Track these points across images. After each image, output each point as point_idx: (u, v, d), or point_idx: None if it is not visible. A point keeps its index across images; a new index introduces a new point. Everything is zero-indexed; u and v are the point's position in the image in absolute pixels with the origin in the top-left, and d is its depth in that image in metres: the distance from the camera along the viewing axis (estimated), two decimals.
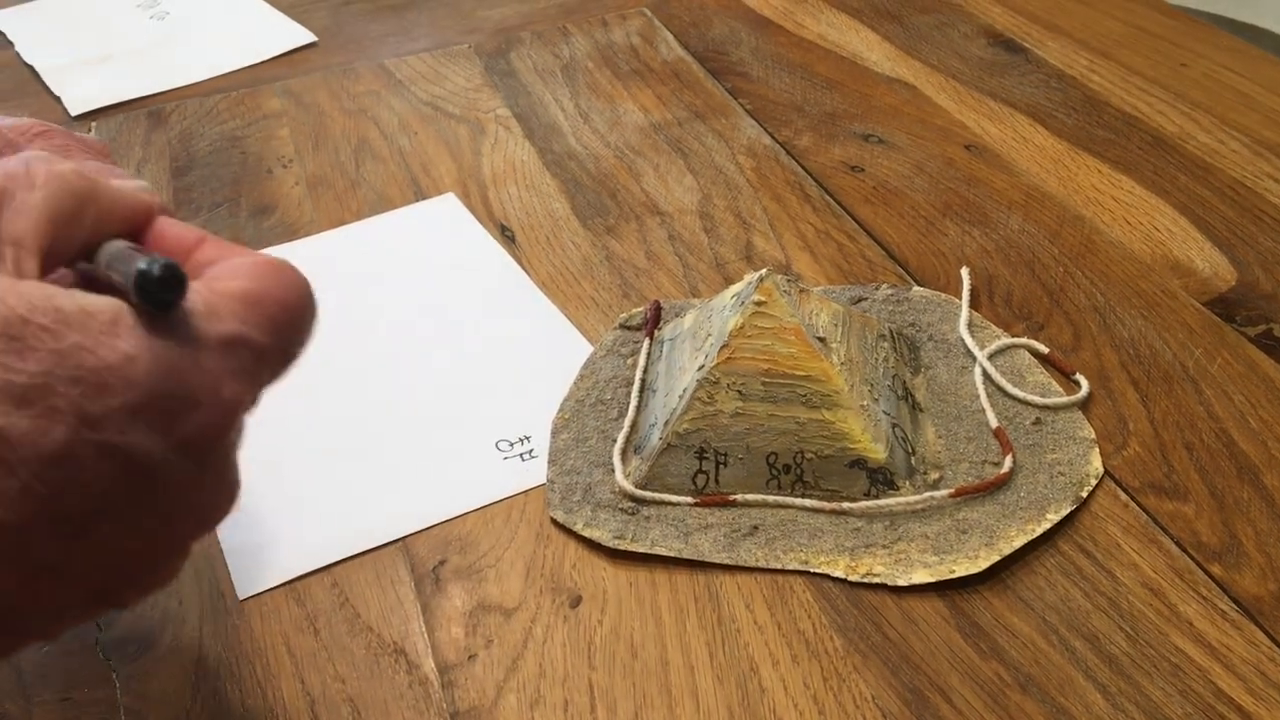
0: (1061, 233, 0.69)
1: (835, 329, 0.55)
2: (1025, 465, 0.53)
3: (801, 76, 0.87)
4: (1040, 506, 0.51)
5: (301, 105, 0.87)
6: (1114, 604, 0.47)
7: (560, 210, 0.74)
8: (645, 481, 0.53)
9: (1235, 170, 0.74)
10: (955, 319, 0.61)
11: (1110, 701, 0.44)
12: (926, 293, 0.64)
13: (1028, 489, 0.52)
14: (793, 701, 0.44)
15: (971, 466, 0.53)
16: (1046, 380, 0.58)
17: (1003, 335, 0.61)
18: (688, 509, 0.52)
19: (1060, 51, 0.88)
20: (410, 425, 0.57)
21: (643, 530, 0.51)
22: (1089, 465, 0.53)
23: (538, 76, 0.89)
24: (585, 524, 0.52)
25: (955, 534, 0.50)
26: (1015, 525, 0.50)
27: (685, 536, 0.51)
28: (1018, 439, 0.54)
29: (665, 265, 0.68)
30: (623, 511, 0.52)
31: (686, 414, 0.52)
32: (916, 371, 0.58)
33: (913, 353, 0.59)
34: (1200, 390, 0.57)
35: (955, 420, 0.56)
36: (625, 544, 0.50)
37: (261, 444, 0.57)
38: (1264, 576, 0.48)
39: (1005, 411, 0.56)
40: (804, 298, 0.55)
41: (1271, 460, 0.53)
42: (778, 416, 0.51)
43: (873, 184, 0.74)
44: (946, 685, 0.45)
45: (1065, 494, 0.52)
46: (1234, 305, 0.63)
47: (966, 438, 0.55)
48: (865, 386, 0.53)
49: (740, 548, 0.50)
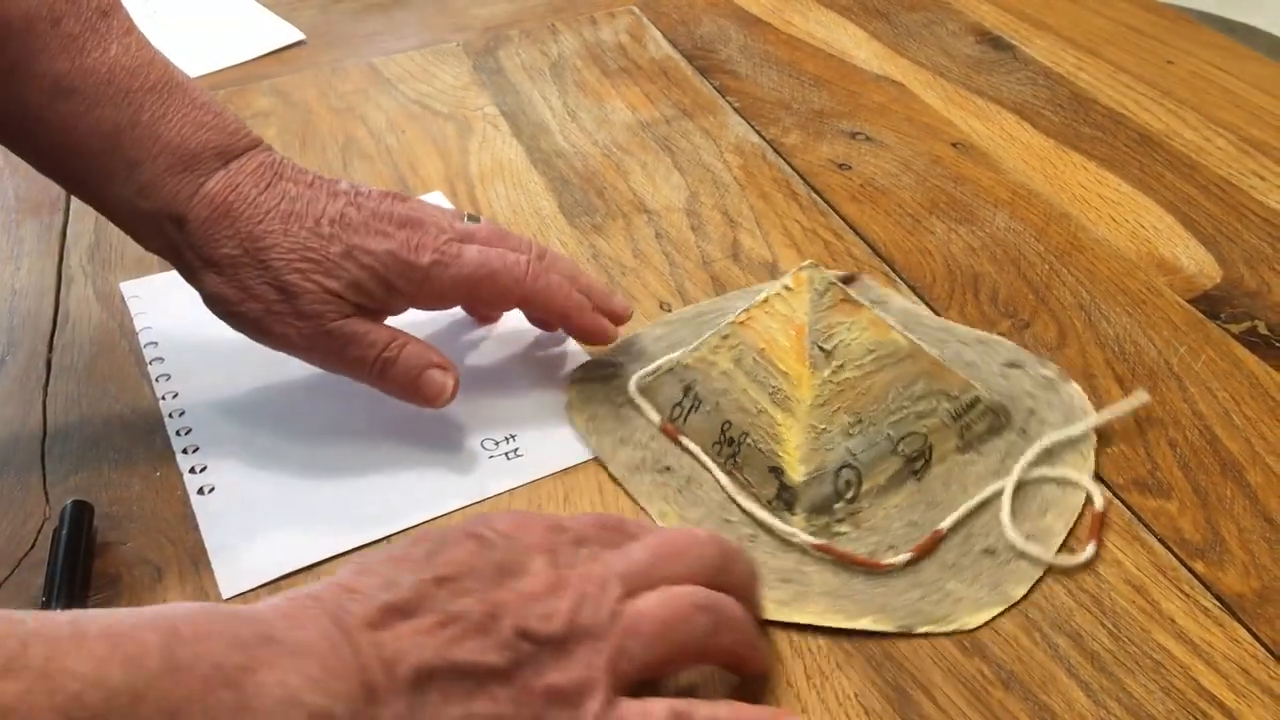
0: (1048, 230, 0.69)
1: (853, 349, 0.52)
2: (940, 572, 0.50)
3: (789, 74, 0.87)
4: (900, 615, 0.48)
5: (290, 103, 0.87)
6: (1097, 601, 0.47)
7: (547, 208, 0.74)
8: (641, 389, 0.57)
9: (1221, 167, 0.74)
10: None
11: (1092, 699, 0.44)
12: (1076, 393, 0.57)
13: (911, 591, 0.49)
14: (776, 700, 0.44)
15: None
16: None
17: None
18: (654, 429, 0.56)
19: (1047, 49, 0.88)
20: (395, 424, 0.57)
21: (613, 425, 0.57)
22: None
23: (526, 74, 0.89)
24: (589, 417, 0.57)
25: (783, 582, 0.49)
26: (837, 611, 0.47)
27: (625, 438, 0.56)
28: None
29: (652, 264, 0.68)
30: (617, 406, 0.57)
31: (694, 352, 0.55)
32: (966, 450, 0.53)
33: (991, 434, 0.54)
34: (1185, 387, 0.57)
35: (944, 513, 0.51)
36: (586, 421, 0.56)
37: (246, 443, 0.57)
38: (1247, 574, 0.48)
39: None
40: (843, 308, 0.52)
41: (1255, 457, 0.53)
42: (748, 394, 0.53)
43: (860, 182, 0.74)
44: (929, 683, 0.45)
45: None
46: (1219, 302, 0.63)
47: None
48: (847, 416, 0.51)
49: (638, 476, 0.54)
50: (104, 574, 0.51)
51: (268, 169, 0.53)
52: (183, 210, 0.52)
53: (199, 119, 0.52)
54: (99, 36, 0.51)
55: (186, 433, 0.58)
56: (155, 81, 0.52)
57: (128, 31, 0.52)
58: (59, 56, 0.50)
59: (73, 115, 0.50)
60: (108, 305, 0.67)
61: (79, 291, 0.68)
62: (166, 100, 0.52)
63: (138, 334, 0.64)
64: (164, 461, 0.56)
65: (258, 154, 0.54)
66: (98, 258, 0.71)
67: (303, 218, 0.52)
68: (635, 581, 0.41)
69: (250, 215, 0.52)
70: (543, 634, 0.38)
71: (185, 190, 0.52)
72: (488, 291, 0.55)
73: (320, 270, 0.52)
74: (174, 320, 0.64)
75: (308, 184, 0.54)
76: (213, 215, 0.52)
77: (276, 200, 0.53)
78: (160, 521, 0.53)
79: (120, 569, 0.51)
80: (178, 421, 0.58)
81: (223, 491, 0.54)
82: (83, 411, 0.59)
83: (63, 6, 0.50)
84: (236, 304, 0.53)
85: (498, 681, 0.37)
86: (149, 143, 0.51)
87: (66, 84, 0.50)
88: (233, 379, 0.60)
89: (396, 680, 0.36)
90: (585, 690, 0.38)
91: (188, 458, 0.56)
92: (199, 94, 0.53)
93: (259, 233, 0.52)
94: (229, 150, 0.53)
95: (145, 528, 0.53)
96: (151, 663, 0.31)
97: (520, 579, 0.39)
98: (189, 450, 0.57)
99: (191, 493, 0.54)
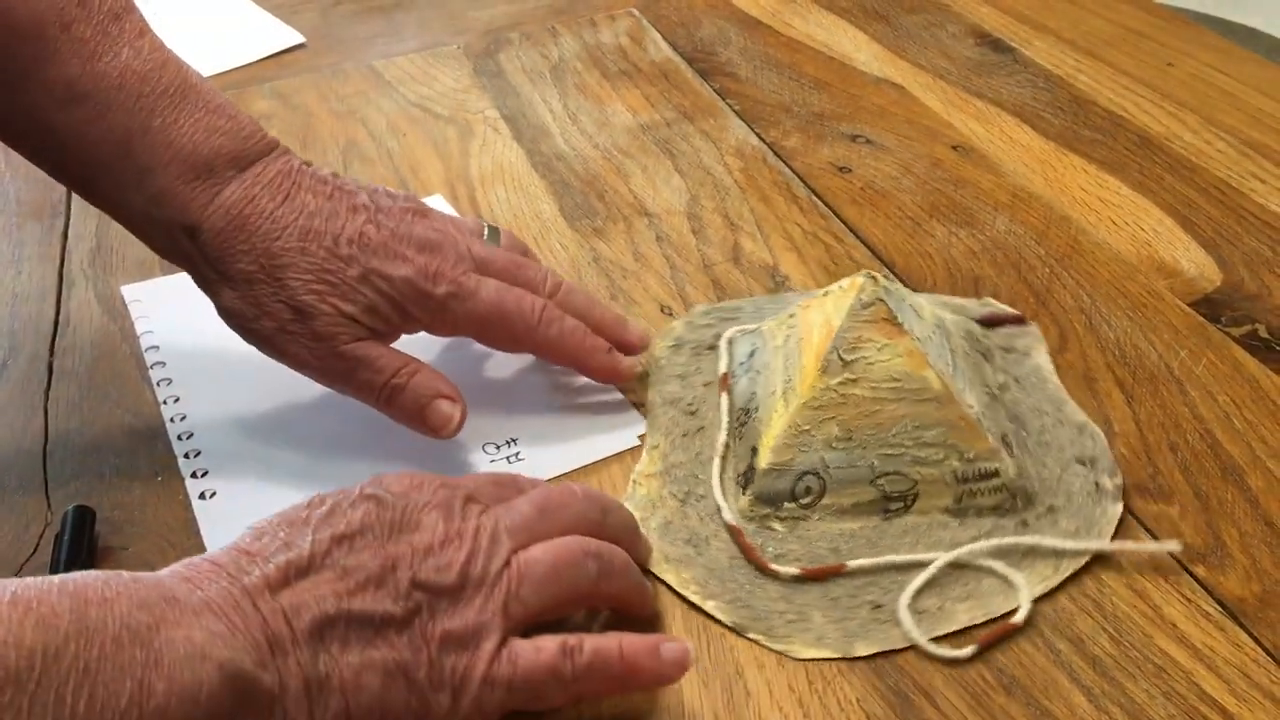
0: (1048, 233, 0.69)
1: (875, 370, 0.50)
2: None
3: (790, 77, 0.87)
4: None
5: (290, 106, 0.87)
6: (1098, 605, 0.47)
7: (548, 211, 0.74)
8: (730, 339, 0.59)
9: (1221, 170, 0.74)
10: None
11: (1094, 703, 0.44)
12: (1113, 515, 0.52)
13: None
14: (778, 705, 0.45)
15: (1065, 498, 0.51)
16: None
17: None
18: (714, 378, 0.58)
19: (1048, 51, 0.89)
20: (398, 427, 0.57)
21: (685, 362, 0.60)
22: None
23: (526, 77, 0.89)
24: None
25: (685, 543, 0.51)
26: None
27: (685, 375, 0.59)
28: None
29: (653, 267, 0.68)
30: (704, 348, 0.60)
31: (771, 321, 0.58)
32: (959, 515, 0.51)
33: (994, 511, 0.51)
34: (1185, 391, 0.57)
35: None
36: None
37: (248, 447, 0.57)
38: (1248, 578, 0.48)
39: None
40: (882, 326, 0.51)
41: (1256, 461, 0.53)
42: (777, 375, 0.54)
43: (860, 185, 0.74)
44: (931, 688, 0.45)
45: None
46: (1219, 306, 0.63)
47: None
48: (836, 428, 0.51)
49: (665, 409, 0.57)
50: None
51: (285, 178, 0.53)
52: (196, 220, 0.51)
53: (212, 124, 0.52)
54: (110, 40, 0.50)
55: (188, 437, 0.58)
56: (168, 85, 0.51)
57: (140, 34, 0.52)
58: (70, 61, 0.49)
59: (84, 121, 0.50)
60: (109, 309, 0.67)
61: (80, 295, 0.68)
62: (179, 105, 0.51)
63: (139, 338, 0.64)
64: (165, 466, 0.56)
65: (274, 160, 0.53)
66: (99, 261, 0.71)
67: (321, 235, 0.52)
68: (523, 535, 0.44)
69: (267, 231, 0.51)
70: (437, 584, 0.41)
71: (199, 199, 0.51)
72: (500, 332, 0.55)
73: (336, 293, 0.52)
74: (176, 324, 0.64)
75: (327, 195, 0.53)
76: (228, 228, 0.51)
77: (295, 215, 0.52)
78: (162, 527, 0.53)
79: None
80: (179, 426, 0.58)
81: (225, 496, 0.54)
82: (84, 416, 0.59)
83: (73, 11, 0.50)
84: (251, 320, 0.52)
85: (395, 629, 0.39)
86: (161, 149, 0.51)
87: (78, 90, 0.50)
88: (235, 383, 0.60)
89: (298, 632, 0.38)
90: (480, 633, 0.41)
91: (189, 462, 0.56)
92: (213, 97, 0.53)
93: (276, 250, 0.51)
94: (243, 156, 0.52)
95: (147, 533, 0.53)
96: (63, 624, 0.32)
97: (415, 534, 0.41)
98: (191, 455, 0.57)
99: (193, 497, 0.54)
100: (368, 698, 0.38)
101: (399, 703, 0.39)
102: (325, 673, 0.38)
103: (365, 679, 0.38)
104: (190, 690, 0.33)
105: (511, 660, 0.41)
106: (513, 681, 0.41)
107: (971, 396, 0.51)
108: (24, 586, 0.32)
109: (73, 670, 0.31)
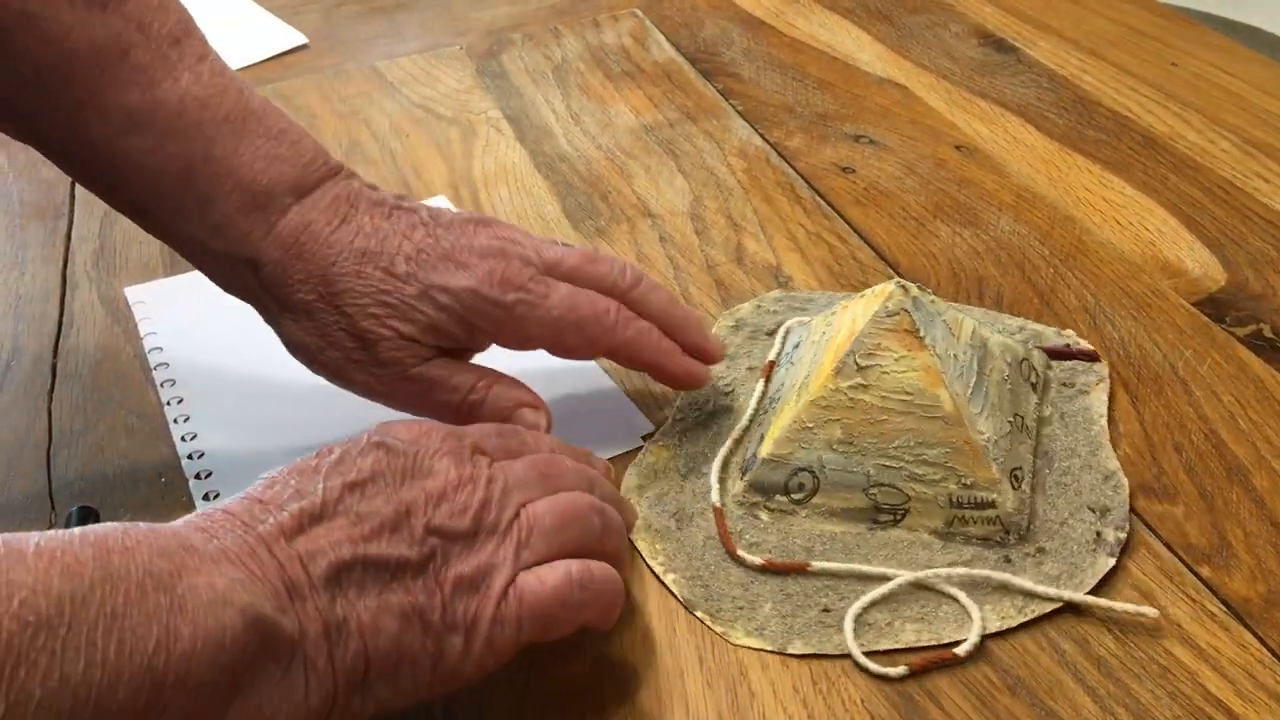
0: (1052, 233, 0.69)
1: (888, 381, 0.50)
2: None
3: (793, 77, 0.87)
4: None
5: (293, 107, 0.87)
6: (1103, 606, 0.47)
7: (551, 212, 0.74)
8: (788, 329, 0.61)
9: (1225, 170, 0.74)
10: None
11: (1099, 704, 0.44)
12: (1101, 568, 0.49)
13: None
14: (782, 706, 0.44)
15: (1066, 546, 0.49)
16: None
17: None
18: (760, 364, 0.59)
19: (1051, 51, 0.88)
20: None
21: (742, 346, 0.61)
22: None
23: (529, 78, 0.89)
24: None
25: (670, 515, 0.52)
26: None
27: (732, 356, 0.61)
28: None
29: (656, 267, 0.68)
30: (764, 333, 0.62)
31: (819, 315, 0.58)
32: (945, 538, 0.50)
33: (981, 541, 0.50)
34: (1190, 391, 0.57)
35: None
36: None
37: (252, 447, 0.57)
38: (1253, 578, 0.48)
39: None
40: (903, 338, 0.50)
41: (1261, 461, 0.53)
42: (806, 369, 0.54)
43: (864, 185, 0.74)
44: (935, 688, 0.45)
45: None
46: (1224, 306, 0.63)
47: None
48: (839, 431, 0.50)
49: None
50: None
51: (343, 202, 0.51)
52: (256, 252, 0.50)
53: (272, 151, 0.50)
54: (169, 66, 0.49)
55: (192, 438, 0.58)
56: (228, 112, 0.50)
57: (200, 58, 0.50)
58: (129, 89, 0.48)
59: (143, 150, 0.49)
60: (112, 310, 0.67)
61: (84, 296, 0.68)
62: (239, 131, 0.50)
63: (142, 340, 0.64)
64: (170, 467, 0.56)
65: (334, 185, 0.52)
66: (102, 263, 0.71)
67: (377, 256, 0.50)
68: (529, 491, 0.44)
69: (323, 256, 0.50)
70: (451, 529, 0.41)
71: (258, 231, 0.50)
72: (574, 339, 0.52)
73: (396, 315, 0.50)
74: (180, 326, 0.64)
75: (385, 215, 0.52)
76: (286, 257, 0.50)
77: (350, 237, 0.51)
78: None
79: None
80: (183, 427, 0.58)
81: (229, 497, 0.54)
82: (88, 417, 0.59)
83: (132, 36, 0.48)
84: (317, 352, 0.51)
85: (410, 573, 0.39)
86: (222, 178, 0.49)
87: (137, 118, 0.48)
88: (239, 385, 0.60)
89: (314, 577, 0.38)
90: (490, 573, 0.41)
91: (193, 463, 0.56)
92: (273, 121, 0.51)
93: (332, 275, 0.50)
94: (303, 184, 0.51)
95: None
96: (88, 573, 0.32)
97: (427, 480, 0.42)
98: (194, 456, 0.57)
99: (197, 498, 0.54)
100: (385, 640, 0.38)
101: (415, 645, 0.39)
102: (343, 616, 0.38)
103: (383, 622, 0.38)
104: (215, 635, 0.33)
105: (518, 596, 0.41)
106: (521, 617, 0.41)
107: (988, 423, 0.50)
108: (46, 539, 0.32)
109: (100, 616, 0.31)
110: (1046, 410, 0.55)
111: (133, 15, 0.48)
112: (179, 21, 0.50)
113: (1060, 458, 0.53)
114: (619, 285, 0.54)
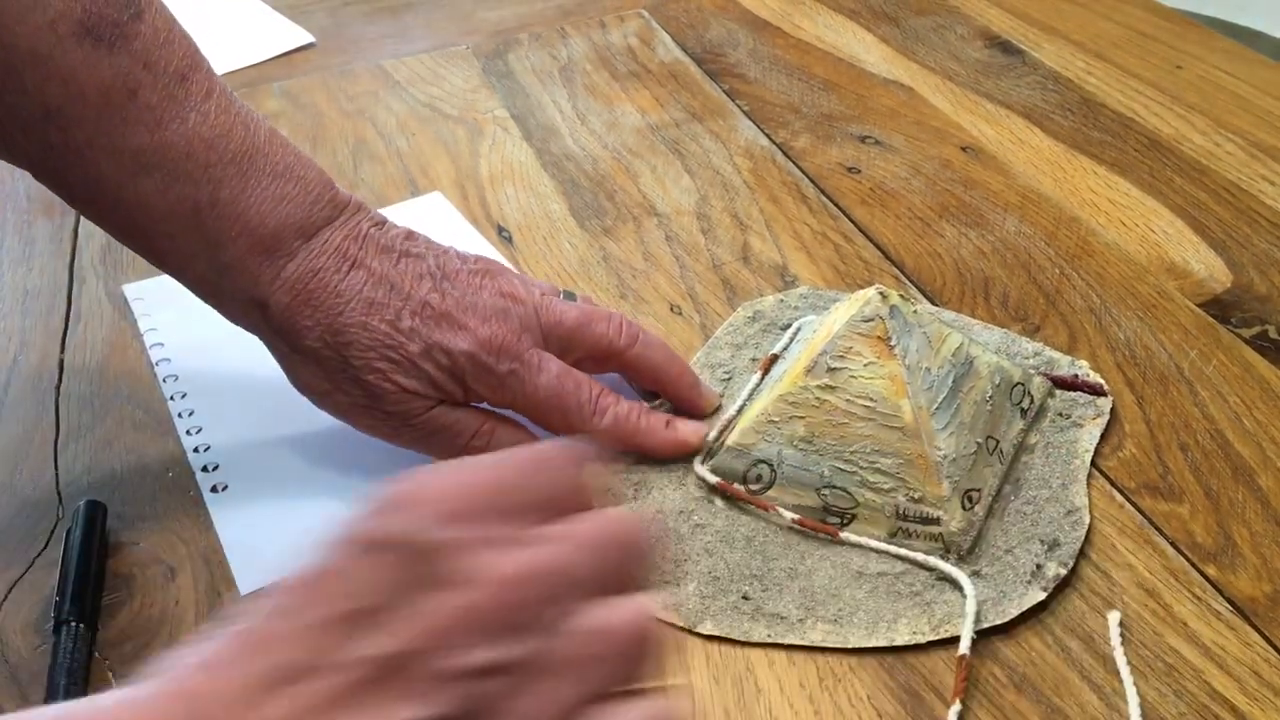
0: (1058, 234, 0.69)
1: (854, 385, 0.50)
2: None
3: (798, 78, 0.87)
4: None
5: (299, 106, 0.87)
6: (1109, 604, 0.47)
7: (557, 211, 0.74)
8: (799, 326, 0.60)
9: (1231, 172, 0.74)
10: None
11: (1105, 701, 0.44)
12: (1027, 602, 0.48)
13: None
14: (789, 701, 0.45)
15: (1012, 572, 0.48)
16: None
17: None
18: (763, 356, 0.59)
19: (1057, 53, 0.89)
20: None
21: (745, 336, 0.62)
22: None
23: (535, 78, 0.90)
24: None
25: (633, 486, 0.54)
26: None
27: (738, 345, 0.61)
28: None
29: (662, 266, 0.68)
30: (777, 327, 0.62)
31: (820, 316, 0.58)
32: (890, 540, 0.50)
33: (927, 542, 0.50)
34: (1195, 392, 0.57)
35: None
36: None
37: (258, 440, 0.57)
38: (1259, 577, 0.48)
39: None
40: (874, 344, 0.50)
41: (1266, 461, 0.53)
42: (791, 364, 0.54)
43: (869, 185, 0.75)
44: (942, 685, 0.45)
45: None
46: (1229, 307, 0.63)
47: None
48: (802, 429, 0.51)
49: (707, 372, 0.59)
50: (117, 574, 0.51)
51: (353, 243, 0.51)
52: (264, 295, 0.50)
53: (280, 191, 0.50)
54: (177, 105, 0.49)
55: (197, 432, 0.58)
56: (235, 152, 0.50)
57: (207, 95, 0.50)
58: (136, 130, 0.48)
59: (151, 193, 0.48)
60: (119, 305, 0.67)
61: (91, 291, 0.68)
62: (246, 172, 0.49)
63: (143, 335, 0.64)
64: (177, 461, 0.56)
65: (342, 225, 0.52)
66: (109, 258, 0.71)
67: (384, 308, 0.51)
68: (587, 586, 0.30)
69: (331, 305, 0.50)
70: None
71: (266, 274, 0.50)
72: (554, 420, 0.53)
73: (399, 370, 0.51)
74: (180, 320, 0.64)
75: (393, 262, 0.52)
76: (294, 302, 0.50)
77: (359, 286, 0.51)
78: (173, 521, 0.53)
79: (133, 569, 0.51)
80: (188, 421, 0.58)
81: (236, 489, 0.55)
82: (95, 411, 0.60)
83: (139, 75, 0.48)
84: (325, 395, 0.52)
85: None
86: (230, 221, 0.49)
87: (144, 160, 0.48)
88: (242, 377, 0.60)
89: None
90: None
91: (199, 456, 0.56)
92: (281, 157, 0.51)
93: (339, 325, 0.50)
94: (309, 225, 0.51)
95: (158, 527, 0.53)
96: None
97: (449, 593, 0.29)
98: (201, 449, 0.57)
99: (205, 491, 0.54)
100: None
101: None
102: None
103: None
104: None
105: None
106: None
107: (949, 441, 0.49)
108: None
109: None
110: (1033, 438, 0.54)
111: (140, 54, 0.48)
112: (185, 55, 0.50)
113: (1030, 486, 0.52)
114: (615, 345, 0.54)
